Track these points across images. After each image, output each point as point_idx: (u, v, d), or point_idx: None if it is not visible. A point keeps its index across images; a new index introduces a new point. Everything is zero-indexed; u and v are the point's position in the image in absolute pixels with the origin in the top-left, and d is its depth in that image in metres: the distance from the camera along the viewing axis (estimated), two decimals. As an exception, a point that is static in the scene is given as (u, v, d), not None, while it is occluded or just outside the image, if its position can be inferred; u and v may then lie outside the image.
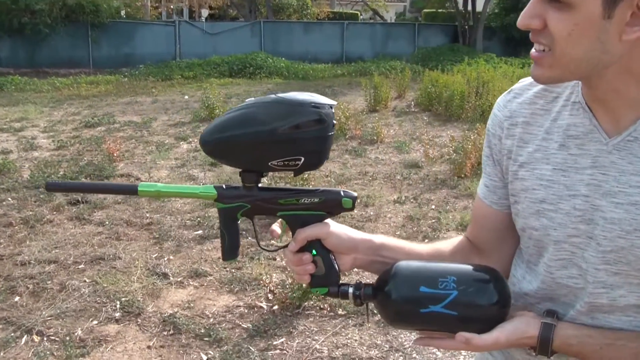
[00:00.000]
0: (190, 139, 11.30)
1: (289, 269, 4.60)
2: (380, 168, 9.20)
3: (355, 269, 1.38)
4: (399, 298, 1.25)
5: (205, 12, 30.15)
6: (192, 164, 9.35)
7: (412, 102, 15.61)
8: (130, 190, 1.35)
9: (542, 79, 1.21)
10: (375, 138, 11.07)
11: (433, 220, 6.78)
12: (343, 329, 4.49)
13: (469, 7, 30.60)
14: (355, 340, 4.35)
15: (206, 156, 9.35)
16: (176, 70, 22.66)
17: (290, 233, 1.36)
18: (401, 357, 4.16)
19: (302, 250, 1.34)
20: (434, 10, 35.82)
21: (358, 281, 1.35)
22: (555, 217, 1.25)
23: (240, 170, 1.31)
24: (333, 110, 1.27)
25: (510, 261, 1.47)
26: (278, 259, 5.64)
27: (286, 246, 1.36)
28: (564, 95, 1.30)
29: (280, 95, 1.25)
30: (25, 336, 4.30)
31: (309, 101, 1.23)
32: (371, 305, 1.35)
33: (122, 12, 29.82)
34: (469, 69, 18.49)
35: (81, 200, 7.32)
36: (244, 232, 6.27)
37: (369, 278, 1.51)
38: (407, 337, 4.39)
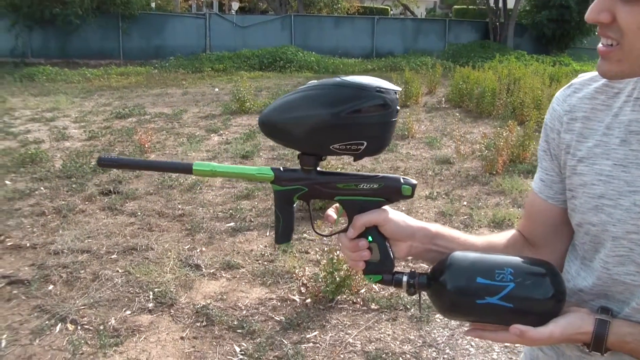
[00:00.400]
0: (221, 132, 11.33)
1: (342, 255, 4.60)
2: (411, 163, 9.16)
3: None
4: (455, 288, 1.23)
5: (235, 5, 30.20)
6: (224, 157, 9.36)
7: (443, 98, 15.54)
8: (185, 169, 1.32)
9: (610, 74, 1.18)
10: (406, 133, 11.03)
11: (465, 217, 6.74)
12: (376, 324, 4.47)
13: (500, 4, 30.44)
14: (389, 334, 4.33)
15: (237, 149, 9.50)
16: (206, 62, 22.74)
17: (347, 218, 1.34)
18: (434, 353, 4.13)
19: (358, 236, 1.32)
20: (465, 6, 35.71)
21: (412, 269, 1.33)
22: (614, 213, 1.23)
23: (299, 152, 1.29)
24: (397, 96, 1.24)
25: (563, 256, 1.45)
26: (311, 252, 5.63)
27: (343, 231, 1.33)
28: (625, 91, 1.27)
29: (345, 78, 1.22)
30: (60, 324, 4.32)
31: (374, 85, 1.21)
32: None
33: (152, 4, 29.96)
34: (500, 66, 18.44)
35: (113, 190, 7.37)
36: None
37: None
38: (440, 332, 4.37)
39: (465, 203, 7.27)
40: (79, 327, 4.30)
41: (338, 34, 28.32)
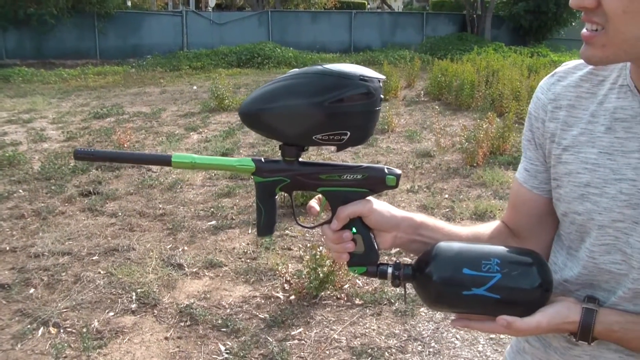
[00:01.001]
0: (200, 130, 11.29)
1: (325, 250, 4.60)
2: (392, 157, 9.16)
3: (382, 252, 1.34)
4: (441, 279, 1.22)
5: (212, 2, 30.02)
6: (203, 155, 9.25)
7: (422, 92, 15.58)
8: (164, 161, 1.29)
9: (594, 60, 1.16)
10: (386, 127, 11.03)
11: (447, 210, 6.75)
12: (360, 319, 4.46)
13: (477, -4, 30.52)
14: (373, 329, 4.33)
15: (217, 146, 9.48)
16: (184, 60, 22.64)
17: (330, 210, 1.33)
18: (420, 346, 4.13)
19: (342, 228, 1.30)
20: (442, -1, 35.77)
21: (397, 261, 1.32)
22: (600, 201, 1.22)
23: (281, 143, 1.27)
24: (381, 85, 1.23)
25: (549, 247, 1.45)
26: (294, 248, 5.61)
27: (326, 223, 1.31)
28: (610, 79, 1.27)
29: (327, 66, 1.20)
30: (42, 328, 4.29)
31: (357, 74, 1.19)
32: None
33: (128, 3, 29.79)
34: (478, 58, 18.50)
35: (93, 191, 7.32)
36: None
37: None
38: (425, 326, 4.38)
39: (446, 196, 7.28)
40: (61, 331, 4.27)
41: (315, 29, 28.28)
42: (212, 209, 6.72)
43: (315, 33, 28.00)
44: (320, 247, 4.71)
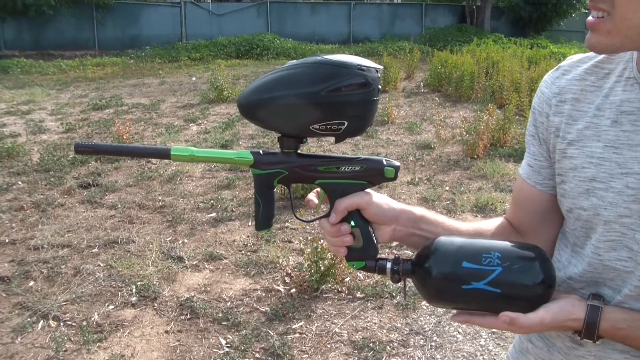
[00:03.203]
0: (200, 121, 11.27)
1: (325, 242, 4.57)
2: (392, 149, 9.14)
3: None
4: (440, 274, 1.20)
5: (210, -7, 29.91)
6: (203, 146, 9.26)
7: (422, 83, 15.56)
8: (163, 154, 1.30)
9: (600, 47, 1.15)
10: (386, 119, 11.01)
11: (448, 202, 6.73)
12: (362, 312, 4.45)
13: (476, -13, 30.47)
14: (375, 323, 4.31)
15: (216, 138, 9.45)
16: (183, 51, 22.62)
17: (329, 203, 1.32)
18: (422, 340, 4.12)
19: (340, 221, 1.29)
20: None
21: (396, 255, 1.30)
22: (605, 196, 1.20)
23: (279, 135, 1.27)
24: (379, 75, 1.22)
25: (552, 244, 1.42)
26: (295, 241, 5.59)
27: (325, 216, 1.30)
28: (616, 72, 1.25)
29: (325, 56, 1.19)
30: (42, 321, 4.27)
31: (355, 63, 1.18)
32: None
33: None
34: (477, 50, 18.48)
35: (92, 183, 7.30)
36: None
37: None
38: (427, 319, 4.36)
39: (447, 188, 7.26)
40: (61, 324, 4.25)
41: (314, 20, 28.23)
42: (212, 201, 6.70)
43: (314, 24, 27.96)
44: (321, 240, 4.69)
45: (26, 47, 22.38)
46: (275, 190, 1.31)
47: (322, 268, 4.63)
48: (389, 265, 1.28)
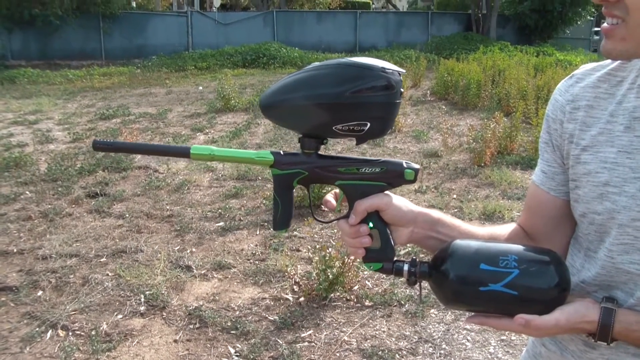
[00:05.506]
0: (207, 130, 11.29)
1: (343, 244, 4.56)
2: (399, 158, 9.10)
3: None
4: (458, 276, 1.21)
5: (216, 2, 30.04)
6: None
7: (428, 91, 15.56)
8: (183, 153, 1.31)
9: (614, 53, 1.17)
10: (393, 127, 10.96)
11: (455, 210, 6.72)
12: (370, 320, 4.44)
13: (482, -5, 30.52)
14: (384, 331, 4.30)
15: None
16: (189, 61, 22.70)
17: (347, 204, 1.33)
18: (431, 348, 4.10)
19: (359, 222, 1.30)
20: (447, -2, 35.77)
21: (413, 257, 1.31)
22: (619, 200, 1.21)
23: (300, 135, 1.29)
24: (401, 78, 1.23)
25: (565, 250, 1.43)
26: (303, 249, 5.59)
27: (344, 217, 1.31)
28: (629, 79, 1.26)
29: (349, 58, 1.21)
30: (50, 331, 4.26)
31: (379, 66, 1.20)
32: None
33: (133, 3, 29.82)
34: (484, 58, 18.50)
35: (100, 193, 7.31)
36: (266, 223, 6.23)
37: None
38: (436, 327, 4.35)
39: (454, 196, 7.26)
40: (70, 333, 4.24)
41: (321, 29, 28.35)
42: (219, 210, 6.70)
43: (320, 33, 28.06)
44: (330, 249, 4.69)
45: (33, 57, 22.52)
46: (294, 190, 1.32)
47: (330, 276, 4.62)
48: (406, 267, 1.28)
